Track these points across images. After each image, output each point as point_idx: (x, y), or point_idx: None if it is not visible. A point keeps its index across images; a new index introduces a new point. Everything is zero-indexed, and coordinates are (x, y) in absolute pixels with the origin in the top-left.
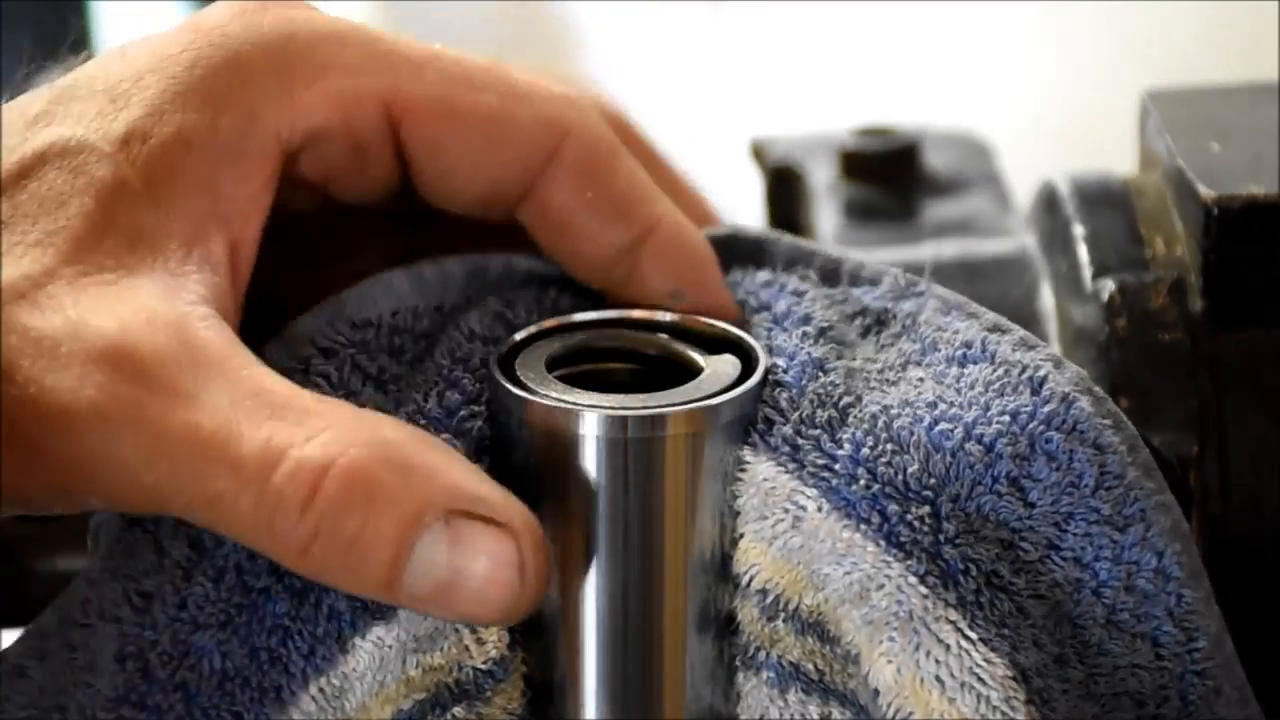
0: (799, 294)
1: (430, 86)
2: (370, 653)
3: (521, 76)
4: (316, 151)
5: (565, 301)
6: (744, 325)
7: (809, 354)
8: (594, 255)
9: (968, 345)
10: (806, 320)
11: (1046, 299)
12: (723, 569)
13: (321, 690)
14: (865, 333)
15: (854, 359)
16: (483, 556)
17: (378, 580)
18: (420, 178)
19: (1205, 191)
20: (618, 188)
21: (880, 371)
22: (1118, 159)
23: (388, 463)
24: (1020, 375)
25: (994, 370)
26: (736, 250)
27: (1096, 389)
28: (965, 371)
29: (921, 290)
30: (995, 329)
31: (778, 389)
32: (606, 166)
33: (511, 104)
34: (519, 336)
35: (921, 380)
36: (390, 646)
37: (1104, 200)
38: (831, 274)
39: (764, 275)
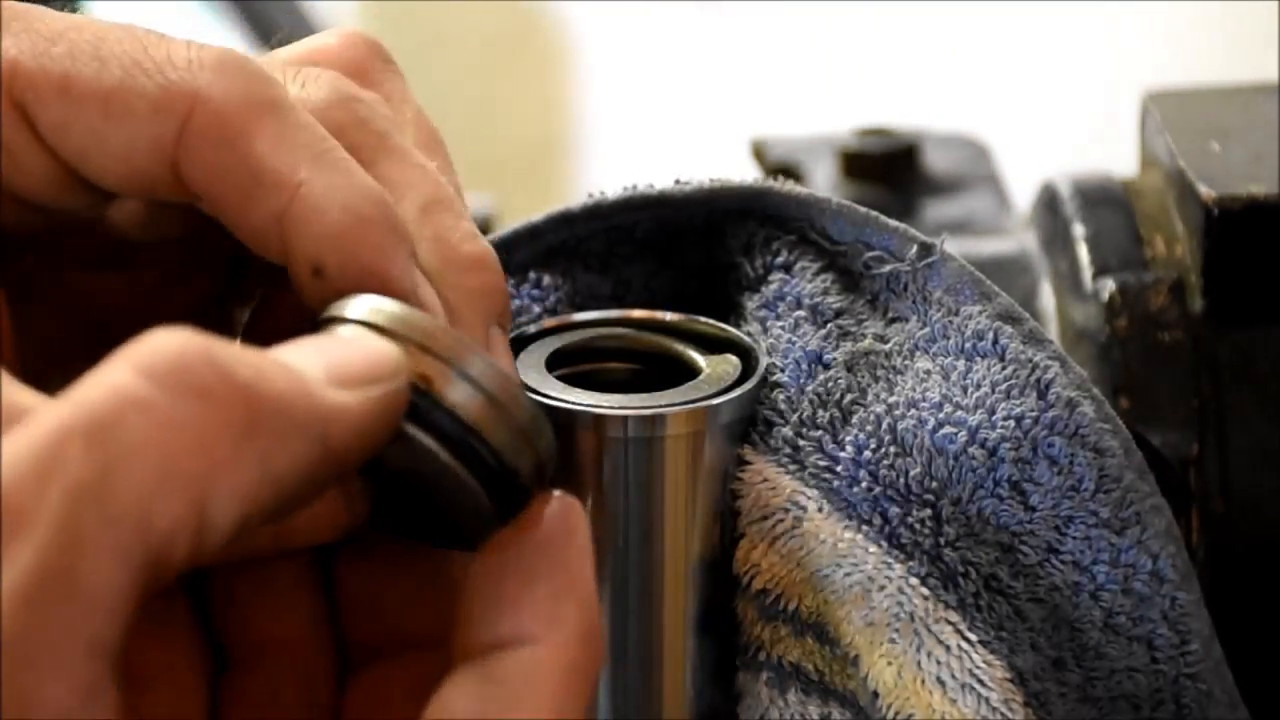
0: (788, 267)
1: (51, 62)
2: None
3: (163, 47)
4: None
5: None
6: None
7: (804, 347)
8: (248, 227)
9: (978, 336)
10: (799, 303)
11: (1046, 299)
12: (723, 569)
13: None
14: (874, 300)
15: (860, 334)
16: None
17: None
18: (70, 163)
19: (1205, 191)
20: (255, 154)
21: (888, 356)
22: (1118, 159)
23: None
24: (1029, 377)
25: (1002, 369)
26: (720, 207)
27: (1095, 391)
28: (973, 367)
29: (935, 258)
30: (1006, 317)
31: (775, 390)
32: (239, 132)
33: (136, 76)
34: (518, 335)
35: (928, 374)
36: None
37: (1104, 200)
38: (835, 230)
39: (749, 240)
